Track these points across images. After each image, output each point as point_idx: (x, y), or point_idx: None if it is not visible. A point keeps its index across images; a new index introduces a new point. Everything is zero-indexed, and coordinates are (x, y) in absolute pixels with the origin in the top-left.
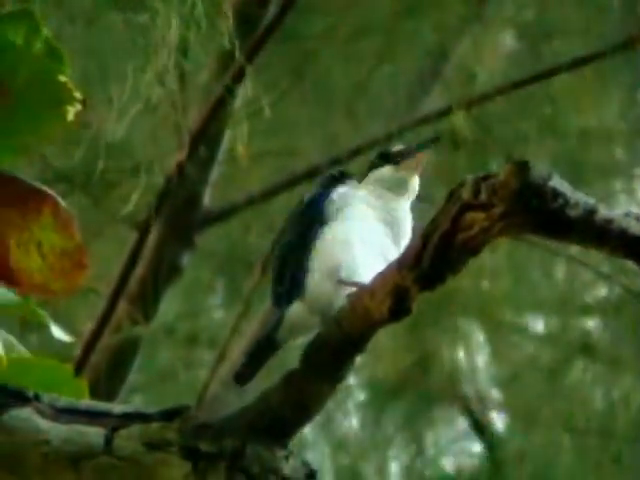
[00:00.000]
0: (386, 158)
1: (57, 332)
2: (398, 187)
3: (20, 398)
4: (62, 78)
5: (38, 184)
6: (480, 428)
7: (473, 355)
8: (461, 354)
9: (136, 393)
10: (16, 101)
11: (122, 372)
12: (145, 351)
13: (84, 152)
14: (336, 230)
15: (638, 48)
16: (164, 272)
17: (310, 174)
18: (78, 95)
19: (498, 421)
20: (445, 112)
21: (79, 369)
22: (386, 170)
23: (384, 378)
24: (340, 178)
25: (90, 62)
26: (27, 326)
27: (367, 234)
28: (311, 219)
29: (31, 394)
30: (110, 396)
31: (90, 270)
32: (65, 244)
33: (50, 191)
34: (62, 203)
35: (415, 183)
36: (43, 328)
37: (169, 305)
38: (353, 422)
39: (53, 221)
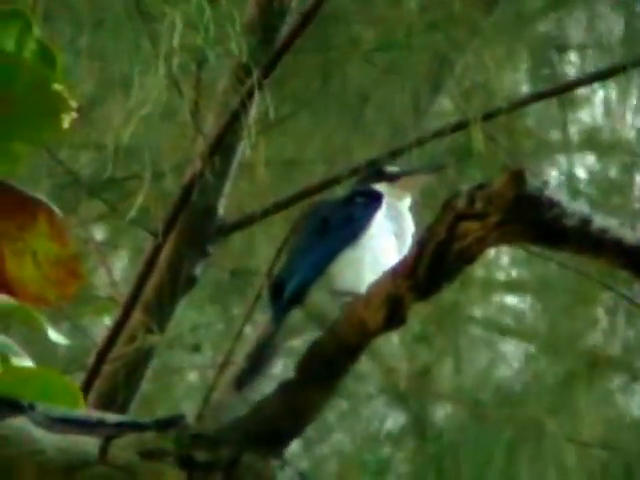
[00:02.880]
0: (381, 175)
1: (55, 336)
2: (396, 201)
3: (14, 407)
4: (57, 86)
5: (32, 193)
6: None
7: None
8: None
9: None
10: (10, 110)
11: (135, 381)
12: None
13: (100, 158)
14: (355, 250)
15: None
16: (179, 282)
17: (325, 185)
18: (73, 103)
19: None
20: (461, 126)
21: (92, 378)
22: (381, 186)
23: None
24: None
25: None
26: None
27: (381, 254)
28: (341, 239)
29: (25, 404)
30: (124, 405)
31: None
32: (60, 253)
33: (45, 199)
34: (57, 211)
35: (407, 200)
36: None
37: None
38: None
39: (48, 230)
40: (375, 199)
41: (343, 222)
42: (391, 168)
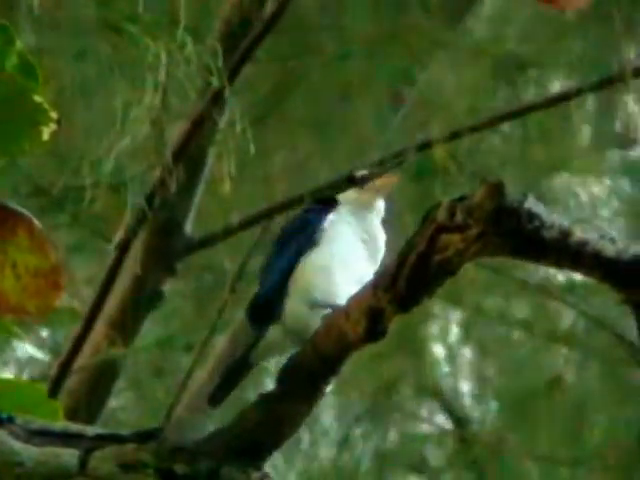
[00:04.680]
0: (351, 182)
1: (31, 349)
2: (363, 208)
3: None
4: (37, 98)
5: (13, 204)
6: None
7: None
8: None
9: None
10: None
11: (101, 396)
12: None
13: (62, 166)
14: (318, 255)
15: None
16: (145, 297)
17: (290, 203)
18: (53, 115)
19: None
20: (425, 145)
21: (55, 390)
22: (350, 193)
23: None
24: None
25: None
26: None
27: (348, 258)
28: (298, 243)
29: (4, 416)
30: (89, 420)
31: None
32: (40, 264)
33: (25, 211)
34: (37, 223)
35: (379, 204)
36: None
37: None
38: None
39: (28, 242)
40: (328, 204)
41: (296, 230)
42: (360, 172)
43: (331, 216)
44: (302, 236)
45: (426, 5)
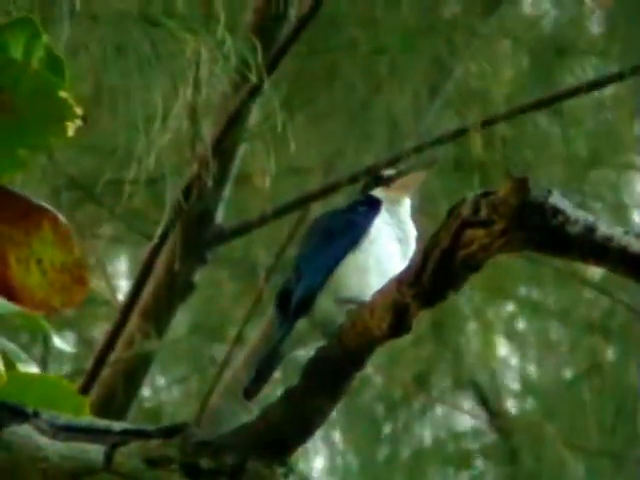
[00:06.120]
0: (379, 181)
1: (59, 343)
2: (397, 206)
3: (19, 415)
4: (62, 94)
5: (37, 199)
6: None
7: None
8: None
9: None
10: (17, 116)
11: (134, 387)
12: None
13: (98, 160)
14: (357, 256)
15: None
16: (177, 288)
17: (324, 192)
18: (78, 111)
19: None
20: (459, 133)
21: (90, 382)
22: (377, 192)
23: None
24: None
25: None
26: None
27: (385, 260)
28: (344, 245)
29: (30, 411)
30: (122, 411)
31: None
32: (65, 259)
33: (49, 206)
34: (62, 218)
35: (406, 202)
36: None
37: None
38: None
39: (53, 236)
40: (374, 206)
41: (344, 229)
42: (387, 171)
43: (378, 221)
44: (348, 238)
45: None
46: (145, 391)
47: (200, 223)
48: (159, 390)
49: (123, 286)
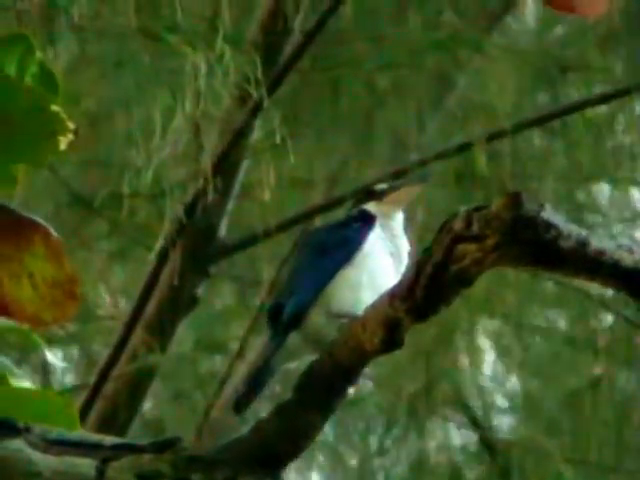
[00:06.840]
0: (371, 195)
1: (52, 358)
2: (389, 220)
3: (10, 429)
4: (55, 108)
5: (28, 214)
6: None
7: None
8: None
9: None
10: (10, 132)
11: (137, 401)
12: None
13: (102, 176)
14: (350, 272)
15: None
16: (181, 302)
17: (327, 206)
18: (70, 125)
19: None
20: (462, 148)
21: (93, 397)
22: (370, 206)
23: None
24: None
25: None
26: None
27: (377, 275)
28: (336, 260)
29: (22, 425)
30: (125, 425)
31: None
32: (56, 274)
33: (41, 221)
34: (53, 233)
35: (399, 217)
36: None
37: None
38: None
39: (44, 251)
40: (368, 222)
41: (338, 244)
42: (380, 186)
43: (372, 236)
44: (341, 253)
45: (463, 11)
46: (147, 404)
47: (203, 237)
48: (161, 403)
49: (126, 301)
